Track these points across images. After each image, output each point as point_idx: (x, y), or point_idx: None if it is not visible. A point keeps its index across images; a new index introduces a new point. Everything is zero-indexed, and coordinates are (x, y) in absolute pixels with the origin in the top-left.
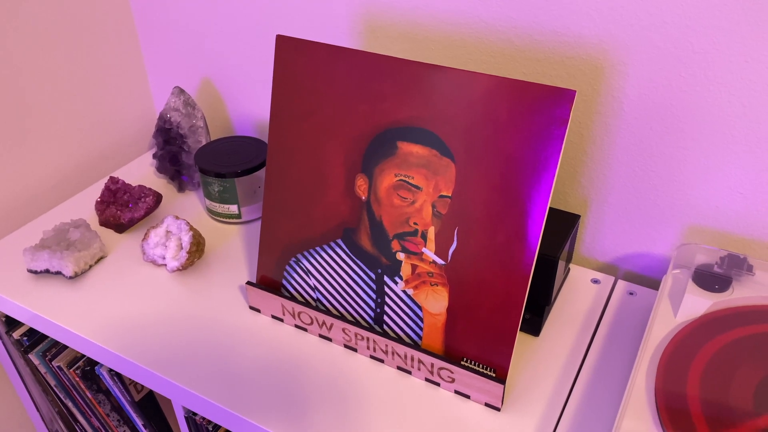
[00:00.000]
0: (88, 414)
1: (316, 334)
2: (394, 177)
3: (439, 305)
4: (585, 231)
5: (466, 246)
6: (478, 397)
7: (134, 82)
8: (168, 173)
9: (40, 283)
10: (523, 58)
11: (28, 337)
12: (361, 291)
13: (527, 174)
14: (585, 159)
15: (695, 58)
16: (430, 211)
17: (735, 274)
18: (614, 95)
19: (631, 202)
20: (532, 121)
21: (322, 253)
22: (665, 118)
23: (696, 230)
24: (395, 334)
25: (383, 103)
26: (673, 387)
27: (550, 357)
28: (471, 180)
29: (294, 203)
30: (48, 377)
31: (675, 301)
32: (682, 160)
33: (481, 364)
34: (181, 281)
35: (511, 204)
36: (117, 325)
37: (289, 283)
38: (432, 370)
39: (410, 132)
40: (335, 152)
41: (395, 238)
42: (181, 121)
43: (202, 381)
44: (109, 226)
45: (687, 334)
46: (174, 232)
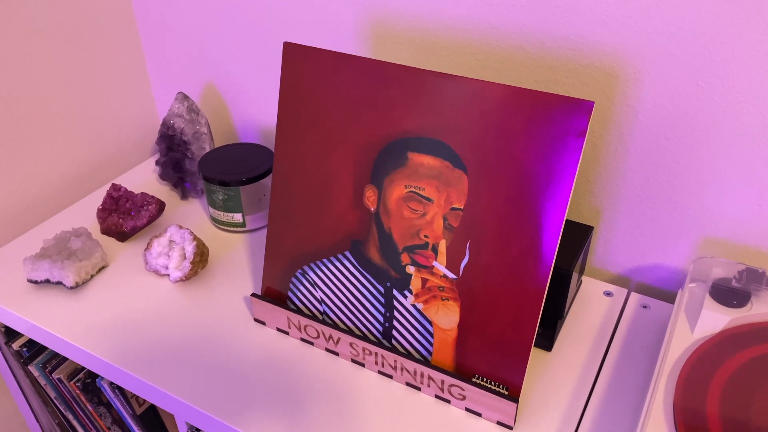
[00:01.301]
0: (89, 427)
1: (322, 348)
2: (404, 188)
3: (449, 320)
4: (597, 242)
5: (479, 260)
6: (489, 415)
7: (137, 88)
8: (171, 180)
9: (40, 293)
10: (535, 66)
11: (28, 348)
12: (370, 305)
13: (543, 186)
14: (598, 168)
15: (712, 66)
16: (441, 224)
17: (754, 289)
18: (629, 104)
19: (644, 212)
20: (548, 132)
21: (329, 265)
22: (681, 128)
23: (711, 242)
24: (404, 349)
25: (393, 112)
26: (692, 405)
27: (563, 372)
28: (484, 192)
29: (300, 214)
30: (48, 389)
31: (692, 317)
32: (698, 170)
33: (493, 382)
34: (185, 292)
35: (526, 217)
36: (118, 337)
37: (295, 295)
38: (442, 387)
39: (421, 142)
40: (343, 162)
41: (405, 251)
42: (184, 127)
43: (205, 396)
44: (111, 235)
45: (706, 350)
46: (177, 241)
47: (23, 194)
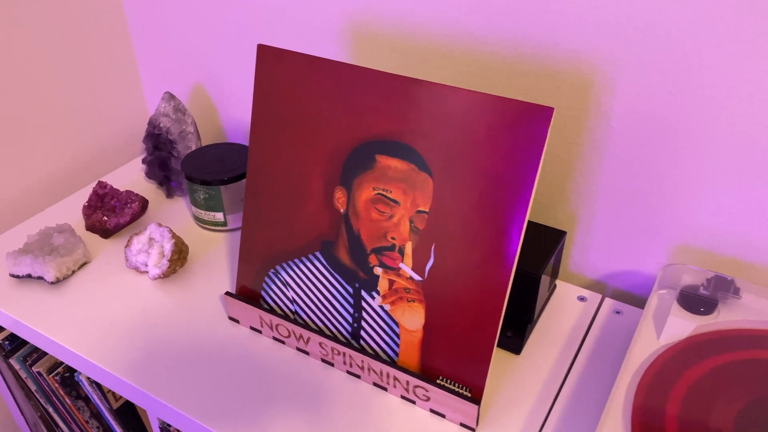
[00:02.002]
0: (69, 420)
1: (293, 347)
2: (372, 190)
3: (415, 322)
4: (573, 247)
5: (443, 263)
6: (453, 417)
7: (128, 88)
8: (157, 179)
9: (22, 287)
10: (512, 71)
11: (10, 342)
12: (339, 305)
13: (504, 191)
14: (573, 174)
15: (682, 74)
16: (407, 226)
17: (721, 297)
18: (602, 110)
19: (619, 218)
20: (510, 138)
21: (300, 266)
22: (653, 135)
23: (685, 250)
24: (372, 349)
25: (362, 115)
26: (651, 409)
27: (530, 376)
28: (448, 196)
29: (273, 214)
30: (29, 382)
31: (659, 323)
32: (671, 177)
33: (457, 383)
34: (163, 289)
35: (488, 221)
36: (96, 332)
37: (267, 294)
38: (407, 387)
39: (389, 146)
40: (315, 164)
41: (373, 253)
42: (170, 126)
43: (176, 392)
44: (96, 231)
45: (669, 357)
46: (157, 239)
47: (13, 190)
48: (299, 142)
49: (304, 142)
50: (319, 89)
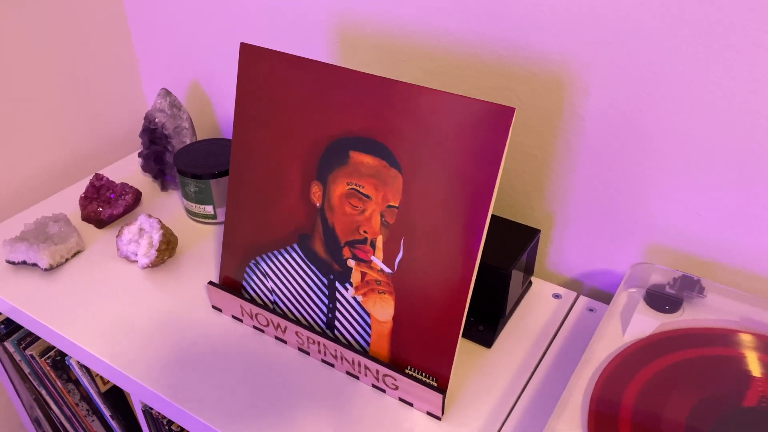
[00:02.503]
0: (60, 403)
1: (272, 336)
2: (346, 185)
3: (385, 313)
4: (551, 246)
5: (412, 256)
6: (420, 406)
7: (127, 84)
8: (152, 172)
9: (17, 273)
10: (490, 73)
11: (6, 326)
12: (315, 296)
13: (468, 188)
14: (550, 174)
15: (652, 78)
16: (378, 221)
17: (687, 296)
18: (576, 112)
19: (594, 218)
20: (473, 136)
21: (279, 257)
22: (625, 137)
23: (657, 249)
24: (345, 339)
25: (337, 112)
26: (608, 401)
27: (499, 369)
28: (416, 191)
29: (254, 207)
30: (23, 365)
31: (625, 320)
32: (642, 179)
33: (425, 373)
34: (152, 278)
35: (453, 217)
36: (86, 318)
37: (248, 284)
38: (378, 376)
39: (361, 142)
40: (292, 159)
41: (346, 245)
42: (166, 122)
43: (159, 377)
44: (91, 222)
45: (632, 352)
46: (146, 229)
47: (12, 181)
48: (278, 137)
49: (283, 138)
50: (297, 87)
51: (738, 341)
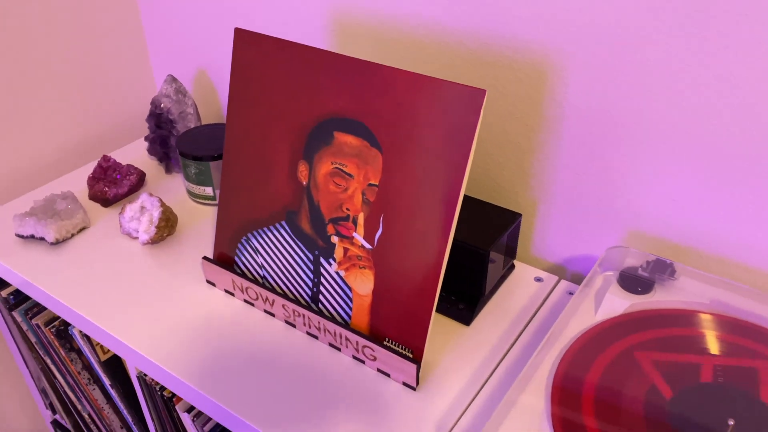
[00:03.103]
0: (64, 372)
1: (261, 309)
2: (330, 165)
3: (366, 287)
4: (534, 232)
5: (390, 232)
6: (396, 376)
7: (138, 72)
8: (157, 155)
9: (26, 247)
10: (477, 62)
11: (14, 296)
12: (301, 271)
13: (442, 167)
14: (533, 161)
15: (630, 67)
16: (360, 198)
17: (658, 279)
18: (557, 100)
19: (576, 205)
20: (447, 117)
21: (268, 234)
22: (603, 125)
23: (636, 235)
24: (329, 312)
25: (322, 94)
26: (573, 376)
27: (476, 346)
28: (395, 170)
29: (246, 185)
30: (29, 334)
31: (598, 300)
32: (620, 166)
33: (401, 345)
34: (152, 254)
35: (428, 195)
36: (88, 290)
37: (240, 260)
38: (358, 348)
39: (345, 123)
40: (281, 139)
41: (330, 222)
42: (171, 107)
43: (152, 345)
44: (97, 200)
45: (600, 331)
46: (147, 207)
47: (26, 161)
48: (268, 119)
49: (272, 119)
50: (286, 70)
51: (700, 321)
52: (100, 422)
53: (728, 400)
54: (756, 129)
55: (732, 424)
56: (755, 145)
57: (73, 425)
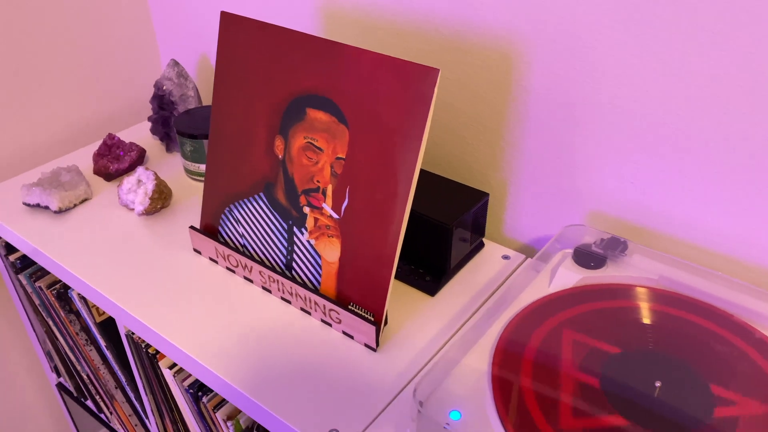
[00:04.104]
0: (64, 333)
1: (241, 276)
2: (303, 139)
3: (333, 255)
4: (506, 213)
5: (355, 203)
6: (359, 338)
7: (146, 56)
8: (159, 134)
9: (32, 214)
10: (449, 47)
11: (21, 261)
12: (276, 239)
13: (400, 142)
14: (502, 144)
15: (586, 53)
16: (329, 171)
17: (610, 255)
18: (522, 85)
19: (542, 186)
20: (404, 94)
21: (248, 205)
22: (565, 109)
23: (598, 216)
24: (301, 278)
25: (296, 73)
26: (516, 341)
27: (438, 315)
28: (359, 145)
29: (229, 159)
30: (33, 296)
31: (553, 273)
32: (581, 149)
33: (364, 309)
34: (147, 224)
35: (388, 167)
36: (86, 255)
37: (223, 230)
38: (325, 311)
39: (316, 100)
40: (260, 116)
41: (303, 194)
42: (173, 89)
43: (141, 305)
44: (100, 175)
45: (548, 301)
46: (144, 180)
47: (38, 138)
48: (249, 97)
49: (252, 98)
50: (265, 50)
51: (645, 295)
52: (97, 382)
53: (659, 365)
54: (704, 114)
55: (659, 385)
56: (704, 130)
57: (75, 387)
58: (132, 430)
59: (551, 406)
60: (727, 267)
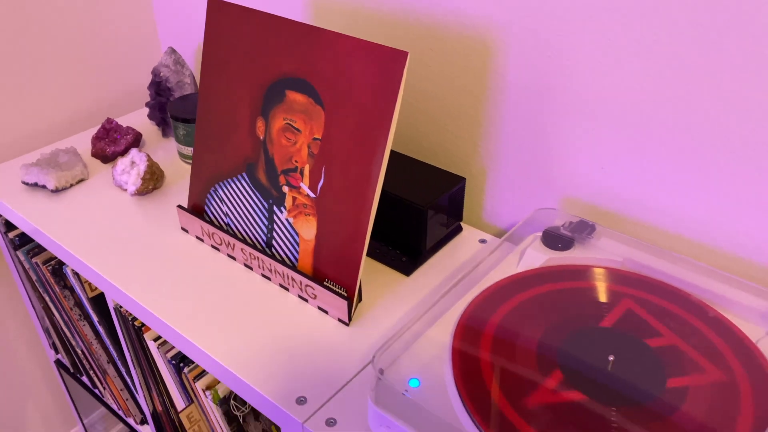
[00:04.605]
0: (60, 308)
1: (225, 254)
2: (282, 120)
3: (310, 232)
4: (485, 199)
5: (331, 182)
6: (333, 313)
7: (146, 45)
8: (156, 120)
9: (30, 193)
10: (430, 36)
11: (20, 238)
12: (258, 218)
13: (372, 122)
14: (481, 131)
15: (560, 41)
16: (306, 151)
17: (578, 237)
18: (500, 72)
19: (519, 173)
20: (375, 76)
21: (231, 185)
22: (540, 96)
23: (571, 202)
24: (280, 256)
25: (276, 56)
26: (478, 317)
27: (412, 293)
28: (334, 125)
29: (214, 140)
30: (30, 273)
31: (522, 254)
32: (556, 136)
33: (338, 285)
34: (139, 204)
35: (360, 147)
36: (80, 233)
37: (209, 209)
38: (302, 287)
39: (294, 82)
40: (243, 98)
41: (282, 174)
42: (169, 76)
43: (128, 281)
44: (98, 158)
45: (513, 281)
46: (137, 162)
47: (41, 122)
48: (232, 79)
49: (236, 80)
50: (248, 34)
51: (600, 275)
52: (91, 357)
53: (614, 341)
54: (672, 104)
55: (612, 359)
56: (672, 119)
57: (71, 363)
58: (124, 404)
59: (507, 378)
60: (694, 251)
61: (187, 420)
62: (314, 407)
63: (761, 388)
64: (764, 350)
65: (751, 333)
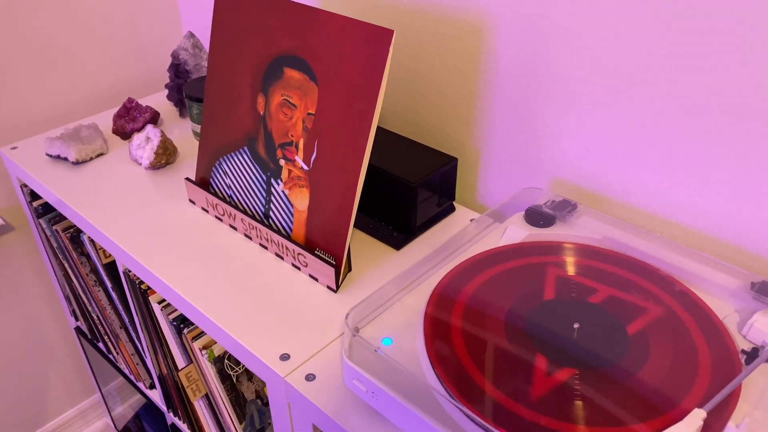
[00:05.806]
0: (77, 274)
1: (227, 224)
2: (280, 96)
3: (303, 204)
4: (479, 179)
5: (322, 156)
6: (323, 280)
7: (170, 30)
8: (174, 100)
9: (53, 165)
10: (428, 19)
11: (43, 207)
12: (257, 190)
13: (359, 98)
14: (474, 112)
15: (549, 26)
16: (301, 126)
17: (559, 215)
18: (492, 56)
19: (510, 154)
20: (363, 54)
21: (234, 158)
22: (529, 80)
23: (558, 183)
24: (276, 226)
25: (275, 35)
26: (453, 287)
27: (399, 266)
28: (326, 101)
29: (219, 116)
30: (52, 240)
31: (505, 231)
32: (544, 118)
33: (328, 254)
34: (152, 178)
35: (348, 121)
36: (96, 203)
37: (214, 181)
38: (295, 256)
39: (291, 59)
40: (245, 75)
41: (279, 147)
42: (188, 59)
43: (138, 247)
44: (118, 134)
45: (491, 254)
46: (151, 137)
47: (70, 100)
48: (236, 58)
49: (238, 58)
50: (251, 14)
51: (576, 251)
52: (105, 322)
53: (581, 311)
54: (658, 87)
55: (577, 327)
56: (655, 103)
57: (88, 329)
58: (135, 369)
59: (474, 343)
60: (672, 231)
61: (186, 379)
62: (296, 363)
63: (714, 342)
64: (729, 327)
65: (719, 310)
